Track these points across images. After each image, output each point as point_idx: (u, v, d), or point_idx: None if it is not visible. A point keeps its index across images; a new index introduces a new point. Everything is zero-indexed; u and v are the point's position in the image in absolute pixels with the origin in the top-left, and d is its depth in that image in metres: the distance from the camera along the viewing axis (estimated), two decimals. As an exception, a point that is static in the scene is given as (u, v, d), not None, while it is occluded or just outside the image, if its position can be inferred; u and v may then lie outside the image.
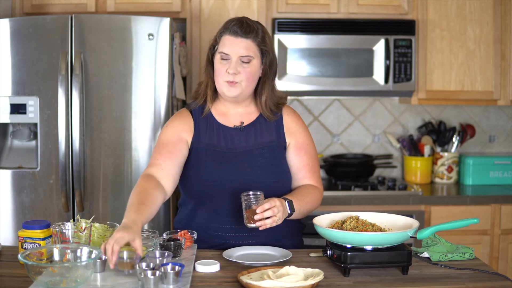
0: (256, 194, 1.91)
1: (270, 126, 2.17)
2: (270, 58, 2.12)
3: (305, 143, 2.19)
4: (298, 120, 2.23)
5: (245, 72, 2.06)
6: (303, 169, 2.17)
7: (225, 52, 2.05)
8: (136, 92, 2.95)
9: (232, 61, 2.05)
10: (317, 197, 2.14)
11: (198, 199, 2.11)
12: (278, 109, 2.19)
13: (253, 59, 2.07)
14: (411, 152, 3.77)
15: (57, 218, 2.93)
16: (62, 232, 1.77)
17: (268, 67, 2.11)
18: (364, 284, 1.69)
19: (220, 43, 2.08)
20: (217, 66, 2.09)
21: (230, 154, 2.10)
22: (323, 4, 3.48)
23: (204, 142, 2.12)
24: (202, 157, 2.10)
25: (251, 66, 2.07)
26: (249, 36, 2.05)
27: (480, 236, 3.32)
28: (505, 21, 3.52)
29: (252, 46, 2.06)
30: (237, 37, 2.05)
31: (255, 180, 2.06)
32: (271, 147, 2.14)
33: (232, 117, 2.17)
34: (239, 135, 2.14)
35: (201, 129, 2.14)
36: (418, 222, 1.87)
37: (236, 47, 2.05)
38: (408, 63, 3.45)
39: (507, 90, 3.55)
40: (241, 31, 2.05)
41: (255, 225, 1.90)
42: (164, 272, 1.59)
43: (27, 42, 2.93)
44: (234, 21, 2.08)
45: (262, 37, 2.08)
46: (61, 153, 2.90)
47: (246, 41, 2.05)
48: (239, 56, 2.05)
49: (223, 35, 2.08)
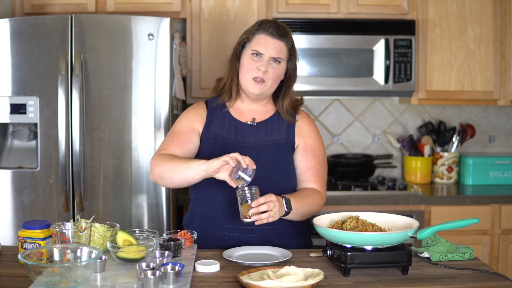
0: (251, 189, 1.91)
1: (281, 126, 2.21)
2: (295, 64, 2.21)
3: (314, 147, 2.22)
4: (311, 124, 2.27)
5: (273, 72, 2.14)
6: (308, 171, 2.18)
7: (259, 50, 2.12)
8: (136, 92, 2.95)
9: (264, 60, 2.12)
10: (318, 201, 2.15)
11: (205, 190, 2.13)
12: (295, 111, 2.25)
13: (282, 62, 2.15)
14: (411, 152, 3.77)
15: (57, 218, 2.93)
16: (62, 232, 1.77)
17: (292, 71, 2.20)
18: (364, 284, 1.69)
19: (254, 41, 2.15)
20: (247, 61, 2.14)
21: (238, 146, 2.14)
22: (323, 4, 3.48)
23: (214, 133, 2.17)
24: (210, 147, 2.15)
25: (279, 68, 2.15)
26: (283, 39, 2.15)
27: (480, 236, 3.32)
28: (505, 21, 3.52)
29: (284, 49, 2.15)
30: (273, 38, 2.13)
31: (259, 174, 2.06)
32: (278, 145, 2.17)
33: (246, 113, 2.22)
34: (250, 130, 2.19)
35: (213, 120, 2.20)
36: (418, 222, 1.87)
37: (271, 47, 2.13)
38: (408, 63, 3.45)
39: (507, 90, 3.55)
40: (277, 33, 2.13)
41: (250, 220, 1.91)
42: (164, 272, 1.59)
43: (27, 42, 2.93)
44: (270, 23, 2.16)
45: (292, 42, 2.19)
46: (61, 153, 2.90)
47: (281, 43, 2.14)
48: (272, 56, 2.12)
49: (258, 34, 2.15)
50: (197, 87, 3.46)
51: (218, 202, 2.12)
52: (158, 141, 2.94)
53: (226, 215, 2.10)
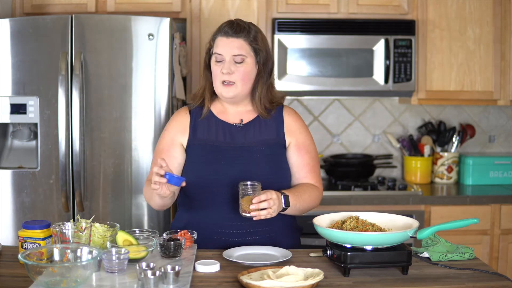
0: (253, 184, 1.93)
1: (269, 125, 2.19)
2: (264, 57, 2.14)
3: (306, 143, 2.21)
4: (299, 120, 2.24)
5: (239, 72, 2.10)
6: (304, 169, 2.18)
7: (219, 52, 2.11)
8: (136, 92, 2.95)
9: (225, 61, 2.10)
10: (315, 196, 2.16)
11: (197, 194, 2.12)
12: (273, 107, 2.20)
13: (246, 58, 2.11)
14: (411, 152, 3.77)
15: (57, 218, 2.93)
16: (62, 232, 1.77)
17: (262, 65, 2.14)
18: (364, 284, 1.69)
19: (214, 45, 2.14)
20: (213, 68, 2.14)
21: (228, 148, 2.12)
22: (323, 4, 3.49)
23: (202, 139, 2.15)
24: (199, 153, 2.13)
25: (244, 66, 2.10)
26: (240, 35, 2.10)
27: (480, 236, 3.32)
28: (505, 21, 3.52)
29: (244, 45, 2.11)
30: (229, 37, 2.10)
31: (253, 174, 2.06)
32: (269, 144, 2.16)
33: (232, 115, 2.20)
34: (238, 132, 2.17)
35: (199, 126, 2.17)
36: (418, 222, 1.87)
37: (228, 47, 2.10)
38: (408, 63, 3.45)
39: (507, 90, 3.55)
40: (231, 31, 2.10)
41: (249, 215, 1.92)
42: (164, 272, 1.59)
43: (27, 42, 2.93)
44: (225, 23, 2.14)
45: (254, 36, 2.12)
46: (61, 153, 2.90)
47: (238, 40, 2.10)
48: (232, 55, 2.09)
49: (216, 37, 2.14)
50: (197, 87, 3.46)
51: (211, 206, 2.11)
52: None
53: (222, 218, 2.10)
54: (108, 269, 1.67)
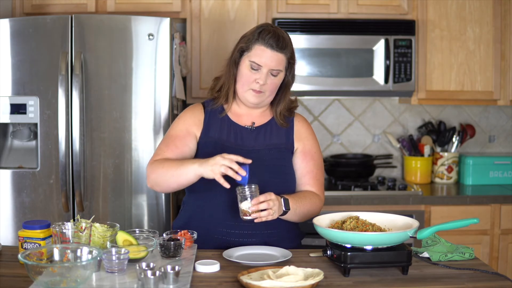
0: (250, 187, 1.91)
1: (280, 129, 2.21)
2: (293, 71, 2.17)
3: (312, 151, 2.22)
4: (308, 128, 2.27)
5: (272, 84, 2.11)
6: (307, 175, 2.19)
7: (258, 62, 2.08)
8: (136, 92, 2.95)
9: (262, 72, 2.08)
10: (316, 203, 2.16)
11: (203, 193, 2.13)
12: (291, 113, 2.23)
13: (281, 72, 2.12)
14: (411, 152, 3.77)
15: (57, 218, 2.93)
16: (62, 232, 1.77)
17: (291, 78, 2.17)
18: (364, 284, 1.69)
19: (252, 51, 2.10)
20: (245, 72, 2.11)
21: (238, 150, 2.11)
22: (323, 4, 3.49)
23: (213, 137, 2.16)
24: (210, 151, 2.11)
25: (278, 78, 2.12)
26: (283, 51, 2.09)
27: (480, 236, 3.32)
28: (505, 21, 3.52)
29: (283, 60, 2.11)
30: (273, 50, 2.08)
31: (260, 177, 2.06)
32: (279, 149, 2.17)
33: (245, 118, 2.21)
34: (249, 134, 2.18)
35: (212, 124, 2.17)
36: (418, 222, 1.87)
37: (270, 60, 2.08)
38: (408, 63, 3.45)
39: (507, 90, 3.55)
40: (277, 46, 2.08)
41: (250, 218, 1.91)
42: (164, 272, 1.59)
43: (27, 42, 2.93)
44: (270, 33, 2.09)
45: (291, 51, 2.13)
46: (61, 153, 2.90)
47: (280, 56, 2.09)
48: (270, 69, 2.08)
49: (257, 44, 2.09)
50: (197, 87, 3.46)
51: (214, 207, 2.11)
52: (158, 141, 2.93)
53: (224, 219, 2.09)
54: (108, 269, 1.67)
